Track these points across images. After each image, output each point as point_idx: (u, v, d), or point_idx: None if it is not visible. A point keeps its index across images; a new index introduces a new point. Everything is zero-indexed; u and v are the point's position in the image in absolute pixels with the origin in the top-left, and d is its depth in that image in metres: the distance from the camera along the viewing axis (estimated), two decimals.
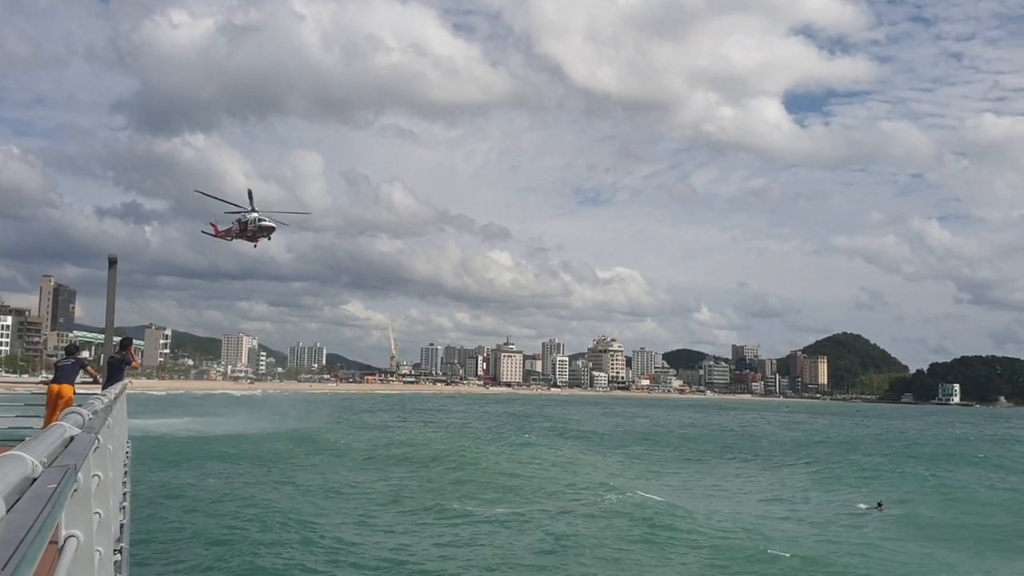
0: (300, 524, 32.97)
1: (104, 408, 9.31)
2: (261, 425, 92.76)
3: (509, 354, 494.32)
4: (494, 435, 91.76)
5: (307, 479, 48.30)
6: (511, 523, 35.82)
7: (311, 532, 31.71)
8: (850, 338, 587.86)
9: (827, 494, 51.57)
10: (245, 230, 61.28)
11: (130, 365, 21.73)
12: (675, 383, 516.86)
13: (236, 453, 60.61)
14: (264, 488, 43.41)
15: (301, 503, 39.30)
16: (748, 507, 45.11)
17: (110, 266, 25.74)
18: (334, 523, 34.45)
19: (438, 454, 63.71)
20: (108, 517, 6.52)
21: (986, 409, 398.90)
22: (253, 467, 53.25)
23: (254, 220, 60.87)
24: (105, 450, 6.85)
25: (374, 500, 41.87)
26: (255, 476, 48.88)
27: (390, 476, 51.74)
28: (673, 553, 31.03)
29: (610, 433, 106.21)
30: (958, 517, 43.32)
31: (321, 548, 29.33)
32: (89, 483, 4.93)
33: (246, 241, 62.14)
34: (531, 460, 62.18)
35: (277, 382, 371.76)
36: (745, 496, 50.41)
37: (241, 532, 30.97)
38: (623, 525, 35.28)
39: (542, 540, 31.97)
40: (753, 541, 32.99)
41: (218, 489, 41.69)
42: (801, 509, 45.55)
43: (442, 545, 31.24)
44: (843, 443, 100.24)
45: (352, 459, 60.87)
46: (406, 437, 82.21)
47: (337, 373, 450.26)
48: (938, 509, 46.06)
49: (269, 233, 61.57)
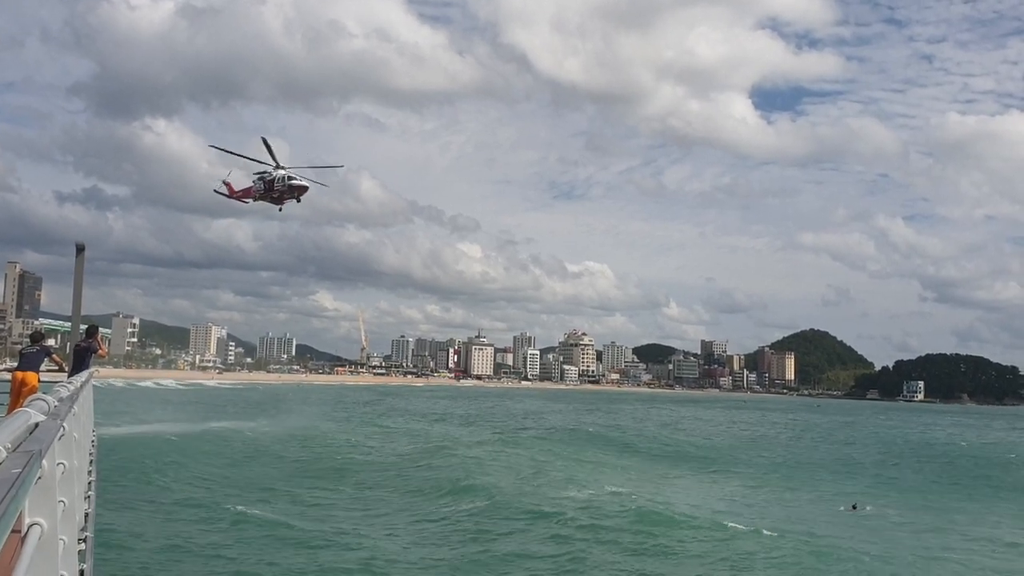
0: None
1: (70, 396, 9.18)
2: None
3: (480, 347, 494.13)
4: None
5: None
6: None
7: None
8: (817, 335, 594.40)
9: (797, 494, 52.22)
10: (271, 190, 52.53)
11: (96, 353, 21.46)
12: (644, 377, 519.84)
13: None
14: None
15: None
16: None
17: (77, 253, 25.34)
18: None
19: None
20: (73, 506, 6.42)
21: (951, 406, 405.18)
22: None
23: (283, 179, 51.98)
24: (71, 438, 6.75)
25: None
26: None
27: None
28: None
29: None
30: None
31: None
32: (54, 471, 4.85)
33: (270, 203, 53.77)
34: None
35: (246, 372, 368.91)
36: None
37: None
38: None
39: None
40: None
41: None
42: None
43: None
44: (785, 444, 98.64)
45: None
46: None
47: (307, 364, 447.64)
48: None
49: (300, 194, 52.77)
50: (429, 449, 65.81)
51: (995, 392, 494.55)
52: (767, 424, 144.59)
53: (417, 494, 43.56)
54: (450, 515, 37.20)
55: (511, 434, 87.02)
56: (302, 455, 60.20)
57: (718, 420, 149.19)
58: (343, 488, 45.10)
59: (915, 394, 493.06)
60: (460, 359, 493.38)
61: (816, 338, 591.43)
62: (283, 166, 52.06)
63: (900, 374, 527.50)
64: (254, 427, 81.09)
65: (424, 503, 40.76)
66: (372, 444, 70.58)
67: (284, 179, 51.67)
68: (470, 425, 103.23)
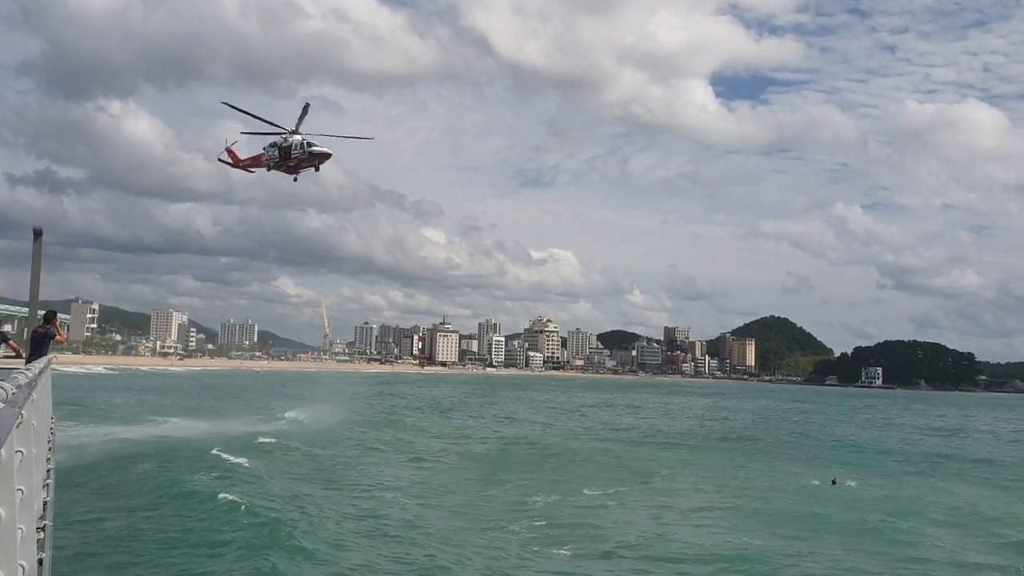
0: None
1: (28, 383, 9.06)
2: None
3: (445, 333, 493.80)
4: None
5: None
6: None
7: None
8: (777, 321, 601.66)
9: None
10: (287, 158, 47.72)
11: (55, 339, 21.19)
12: (608, 364, 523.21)
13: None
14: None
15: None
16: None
17: (35, 238, 24.97)
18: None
19: None
20: (31, 494, 6.37)
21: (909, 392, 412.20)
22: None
23: (300, 145, 46.97)
24: (29, 425, 6.68)
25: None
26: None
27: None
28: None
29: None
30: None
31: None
32: (12, 459, 4.80)
33: (284, 173, 49.12)
34: None
35: (207, 359, 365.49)
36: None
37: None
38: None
39: None
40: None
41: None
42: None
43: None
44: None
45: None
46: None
47: (269, 351, 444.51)
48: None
49: (320, 162, 48.12)
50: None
51: (951, 378, 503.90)
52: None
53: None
54: None
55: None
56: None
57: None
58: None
59: (873, 380, 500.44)
60: (425, 346, 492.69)
61: (776, 324, 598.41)
62: (299, 132, 47.59)
63: (859, 360, 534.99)
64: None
65: None
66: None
67: (302, 145, 47.20)
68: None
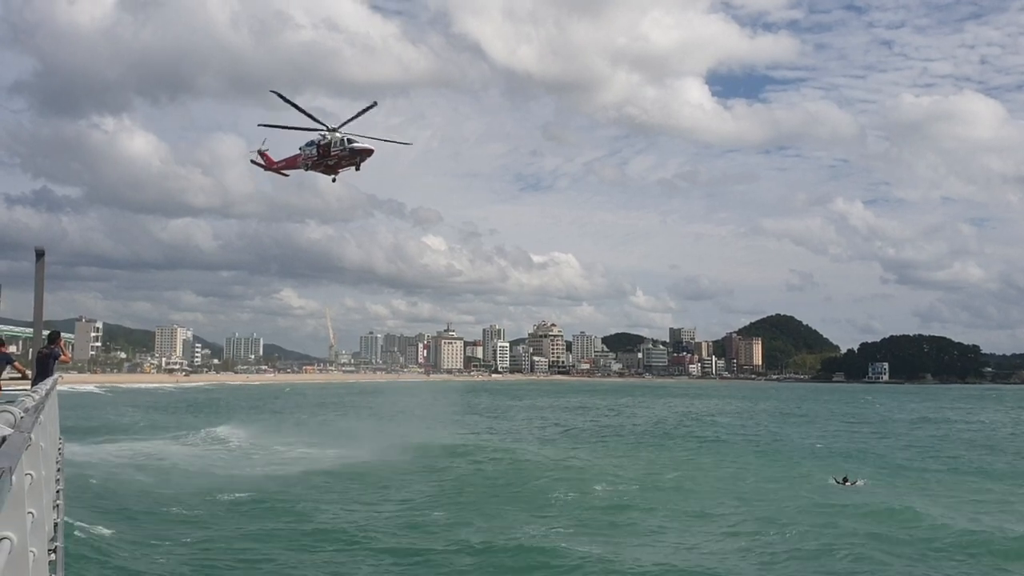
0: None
1: (35, 405, 9.10)
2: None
3: (450, 341, 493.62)
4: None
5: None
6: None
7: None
8: (783, 319, 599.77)
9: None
10: (326, 156, 45.70)
11: (60, 359, 21.21)
12: (615, 367, 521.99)
13: None
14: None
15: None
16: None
17: (37, 258, 24.94)
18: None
19: None
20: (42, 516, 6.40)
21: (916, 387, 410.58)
22: None
23: (341, 142, 44.99)
24: (38, 448, 6.71)
25: None
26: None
27: None
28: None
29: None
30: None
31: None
32: (22, 482, 4.84)
33: (323, 173, 47.23)
34: None
35: (213, 374, 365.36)
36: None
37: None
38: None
39: None
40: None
41: None
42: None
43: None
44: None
45: None
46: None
47: (275, 364, 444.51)
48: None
49: (362, 160, 45.84)
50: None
51: (957, 371, 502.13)
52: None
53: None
54: None
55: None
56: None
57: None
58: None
59: (880, 376, 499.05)
60: (430, 354, 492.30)
61: (782, 323, 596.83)
62: (337, 130, 45.37)
63: (865, 356, 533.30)
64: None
65: None
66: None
67: (343, 142, 45.11)
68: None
